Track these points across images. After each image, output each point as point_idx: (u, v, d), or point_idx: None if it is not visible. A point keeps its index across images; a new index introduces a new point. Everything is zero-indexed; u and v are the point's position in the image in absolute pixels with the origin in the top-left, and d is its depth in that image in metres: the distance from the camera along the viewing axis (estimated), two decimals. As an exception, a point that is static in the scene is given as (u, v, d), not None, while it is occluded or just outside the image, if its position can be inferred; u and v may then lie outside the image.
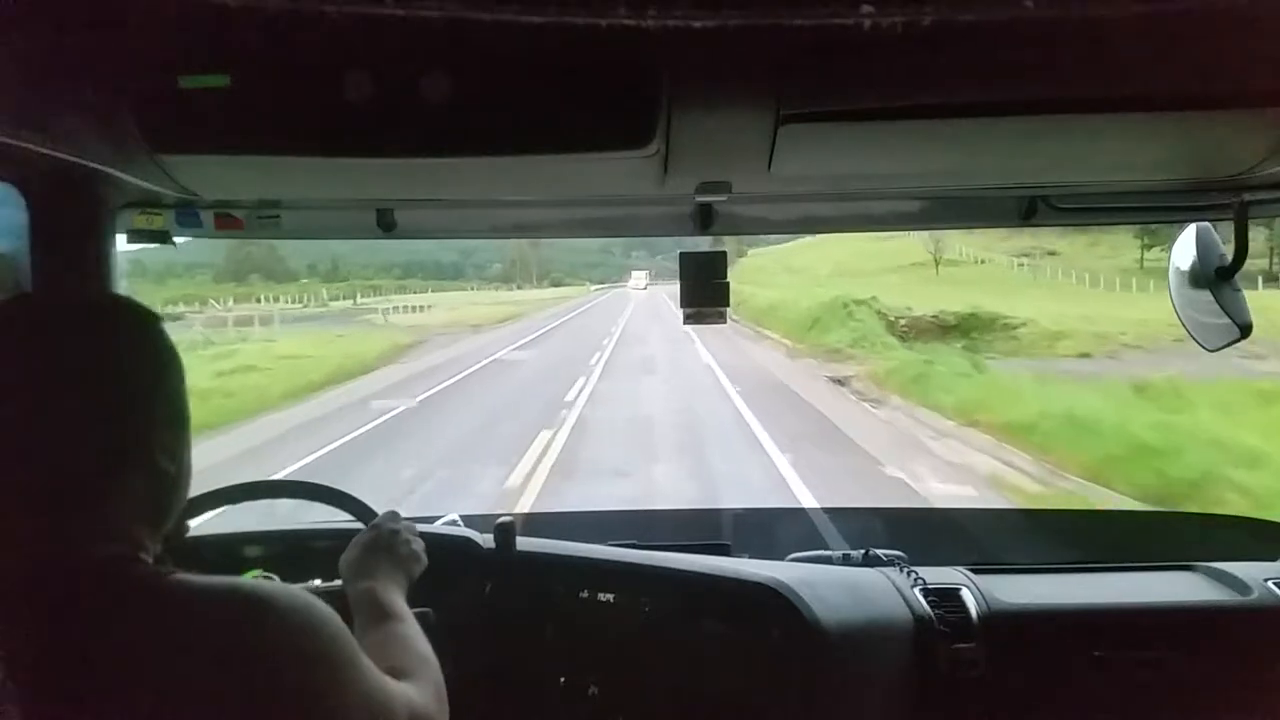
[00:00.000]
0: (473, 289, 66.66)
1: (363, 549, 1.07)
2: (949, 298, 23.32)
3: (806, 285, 31.43)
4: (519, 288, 69.56)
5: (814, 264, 42.28)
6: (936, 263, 38.37)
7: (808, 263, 43.58)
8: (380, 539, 1.09)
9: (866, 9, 0.43)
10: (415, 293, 55.70)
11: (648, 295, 47.14)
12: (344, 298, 48.47)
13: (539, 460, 8.24)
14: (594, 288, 67.59)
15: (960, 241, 40.19)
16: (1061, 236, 39.60)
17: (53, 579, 0.64)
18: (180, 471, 0.73)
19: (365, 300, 44.99)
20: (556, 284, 73.91)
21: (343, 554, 1.07)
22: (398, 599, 1.00)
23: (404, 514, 1.18)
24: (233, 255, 52.44)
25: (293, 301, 46.16)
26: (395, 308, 37.20)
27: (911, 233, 30.66)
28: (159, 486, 0.71)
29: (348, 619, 0.92)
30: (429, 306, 38.55)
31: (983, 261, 39.99)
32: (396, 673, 0.81)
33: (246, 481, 1.36)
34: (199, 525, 1.35)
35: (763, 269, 44.60)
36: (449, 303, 42.64)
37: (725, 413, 10.86)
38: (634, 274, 63.68)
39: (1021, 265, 38.66)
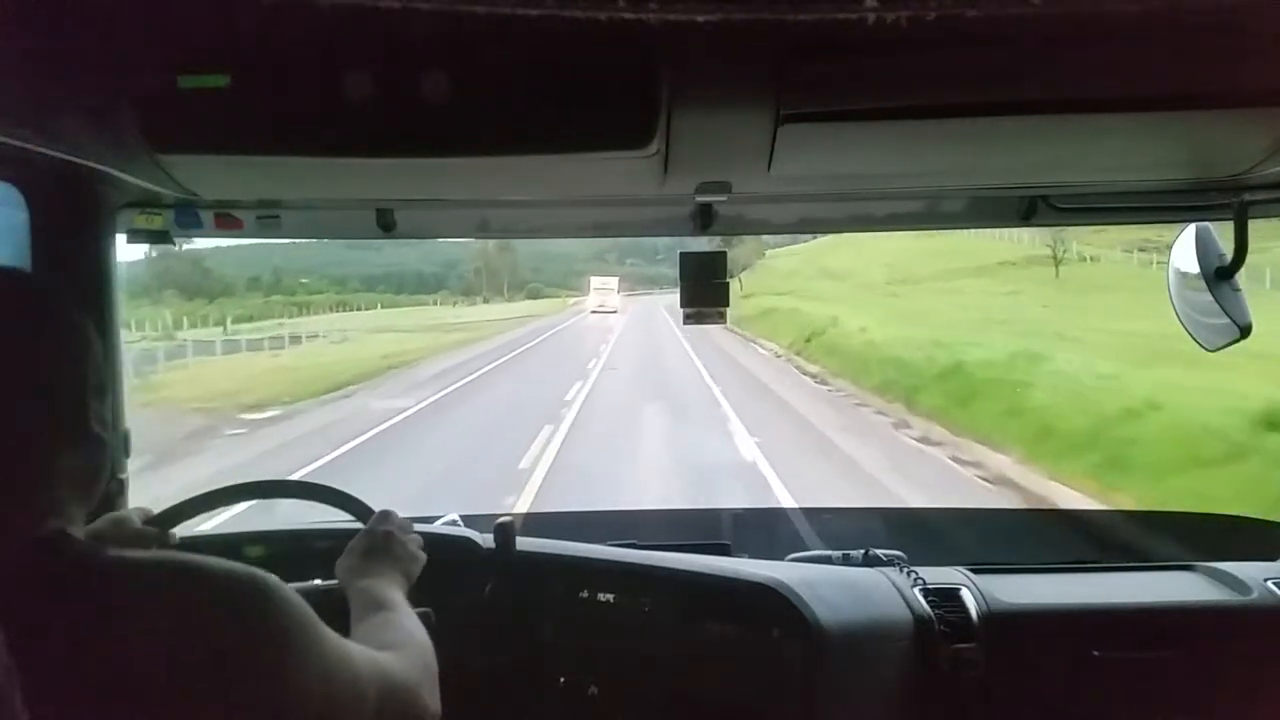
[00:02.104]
0: (435, 304, 51.47)
1: (358, 555, 1.05)
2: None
3: (861, 293, 24.79)
4: (486, 301, 54.05)
5: (858, 266, 33.06)
6: (1057, 262, 27.57)
7: (848, 264, 34.01)
8: (375, 542, 1.07)
9: (871, 3, 0.43)
10: (363, 309, 45.83)
11: (639, 317, 30.25)
12: (215, 323, 32.78)
13: None
14: (571, 302, 47.18)
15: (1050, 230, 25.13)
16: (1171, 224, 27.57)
17: None
18: (110, 438, 0.73)
19: (247, 327, 30.82)
20: (534, 296, 59.10)
21: (338, 560, 1.06)
22: (394, 593, 0.99)
23: (401, 515, 1.16)
24: (152, 267, 38.36)
25: (134, 329, 28.04)
26: (247, 341, 23.94)
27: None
28: (95, 454, 0.71)
29: (347, 619, 0.92)
30: (301, 338, 26.10)
31: (1094, 259, 28.84)
32: (381, 648, 0.81)
33: (246, 482, 1.36)
34: (199, 526, 1.35)
35: (795, 273, 35.65)
36: (360, 325, 31.07)
37: None
38: (594, 283, 40.16)
39: (1160, 263, 23.12)
